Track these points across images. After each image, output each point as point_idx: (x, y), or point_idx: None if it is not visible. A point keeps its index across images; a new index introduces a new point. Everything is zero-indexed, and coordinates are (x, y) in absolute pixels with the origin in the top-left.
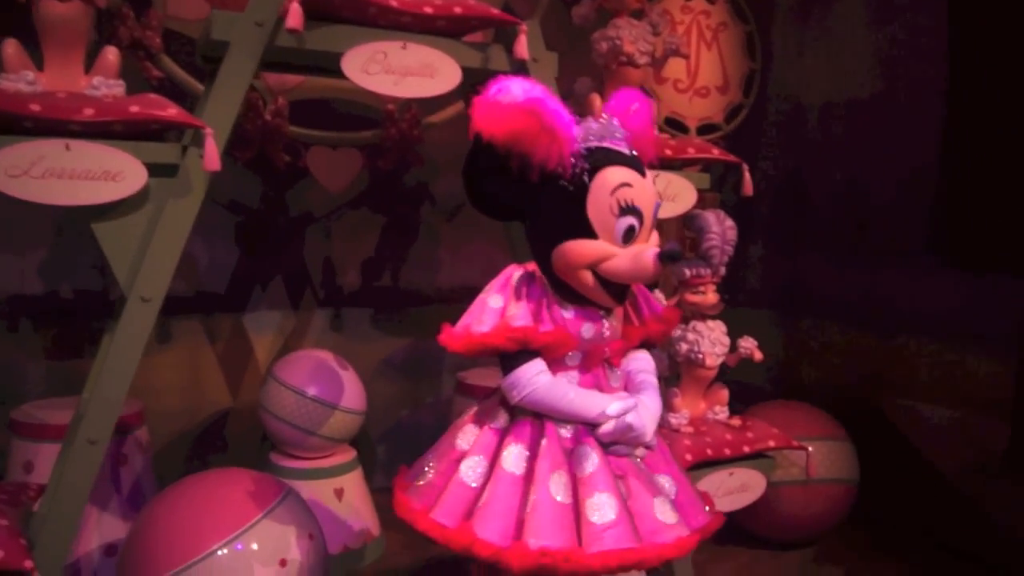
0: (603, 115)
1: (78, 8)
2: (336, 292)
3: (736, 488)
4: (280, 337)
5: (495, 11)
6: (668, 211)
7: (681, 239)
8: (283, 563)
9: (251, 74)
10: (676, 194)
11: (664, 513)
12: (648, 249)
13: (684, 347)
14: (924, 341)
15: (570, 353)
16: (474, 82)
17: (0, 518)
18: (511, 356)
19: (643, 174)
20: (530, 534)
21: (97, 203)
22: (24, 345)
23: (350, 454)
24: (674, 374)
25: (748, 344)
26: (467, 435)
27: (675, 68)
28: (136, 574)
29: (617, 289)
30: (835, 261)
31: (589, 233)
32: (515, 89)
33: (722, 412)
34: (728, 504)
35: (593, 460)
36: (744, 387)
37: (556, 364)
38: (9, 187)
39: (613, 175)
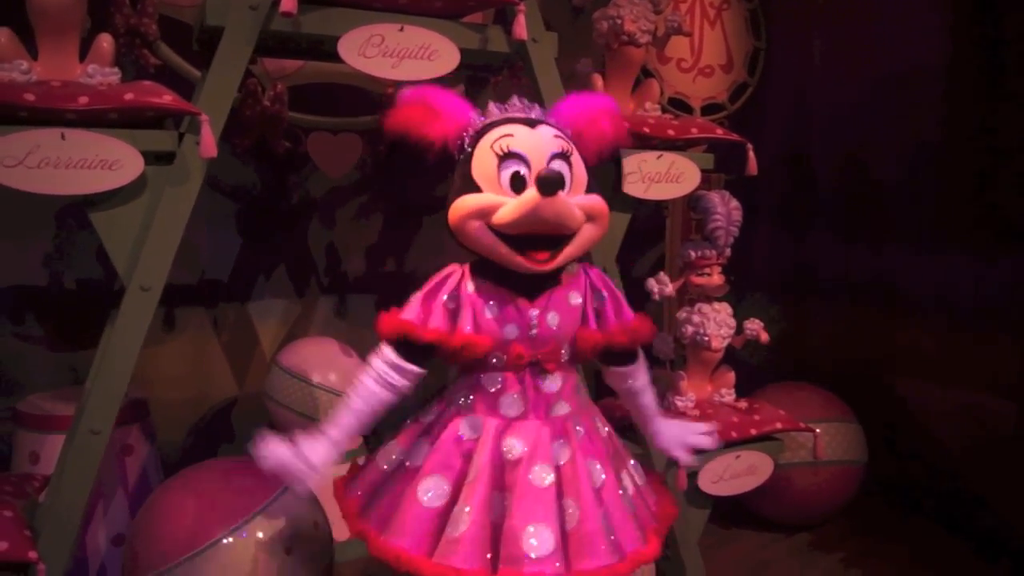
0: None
1: None
2: (340, 279)
3: (743, 471)
4: (285, 325)
5: None
6: (672, 192)
7: (686, 221)
8: (289, 551)
9: (246, 59)
10: (680, 174)
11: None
12: (529, 189)
13: (690, 329)
14: (932, 321)
15: (494, 354)
16: (474, 63)
17: (5, 509)
18: (396, 345)
19: (533, 127)
20: (583, 557)
21: (94, 192)
22: (29, 336)
23: (356, 441)
24: (680, 356)
25: (754, 326)
26: (419, 449)
27: (678, 47)
28: (142, 563)
29: (519, 242)
30: (842, 240)
31: (473, 187)
32: (406, 90)
33: (728, 394)
34: (735, 487)
35: (505, 497)
36: (751, 369)
37: (481, 367)
38: (5, 177)
39: (494, 133)
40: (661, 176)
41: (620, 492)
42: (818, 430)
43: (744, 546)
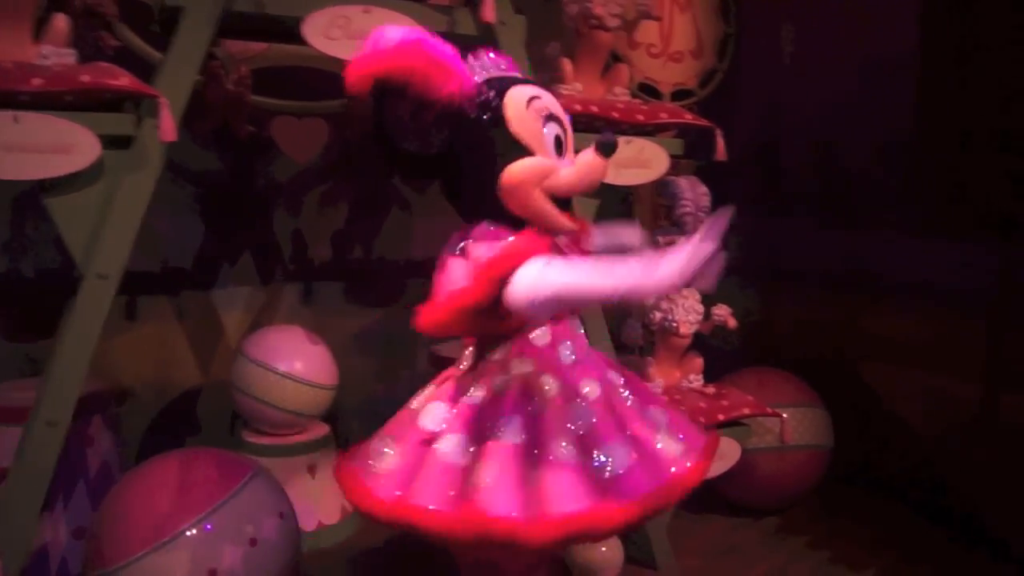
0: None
1: None
2: (306, 266)
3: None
4: (250, 313)
5: None
6: (641, 177)
7: (654, 207)
8: (253, 542)
9: (207, 41)
10: (649, 160)
11: (671, 446)
12: (585, 152)
13: (658, 315)
14: (899, 306)
15: None
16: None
17: None
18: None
19: (546, 89)
20: (549, 504)
21: (48, 177)
22: None
23: (323, 430)
24: (648, 343)
25: (722, 312)
26: (432, 415)
27: (648, 32)
28: (104, 556)
29: (565, 206)
30: (812, 227)
31: (524, 151)
32: (391, 32)
33: (696, 380)
34: None
35: (590, 415)
36: (718, 354)
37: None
38: None
39: (520, 91)
40: (630, 161)
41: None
42: (785, 415)
43: (712, 530)
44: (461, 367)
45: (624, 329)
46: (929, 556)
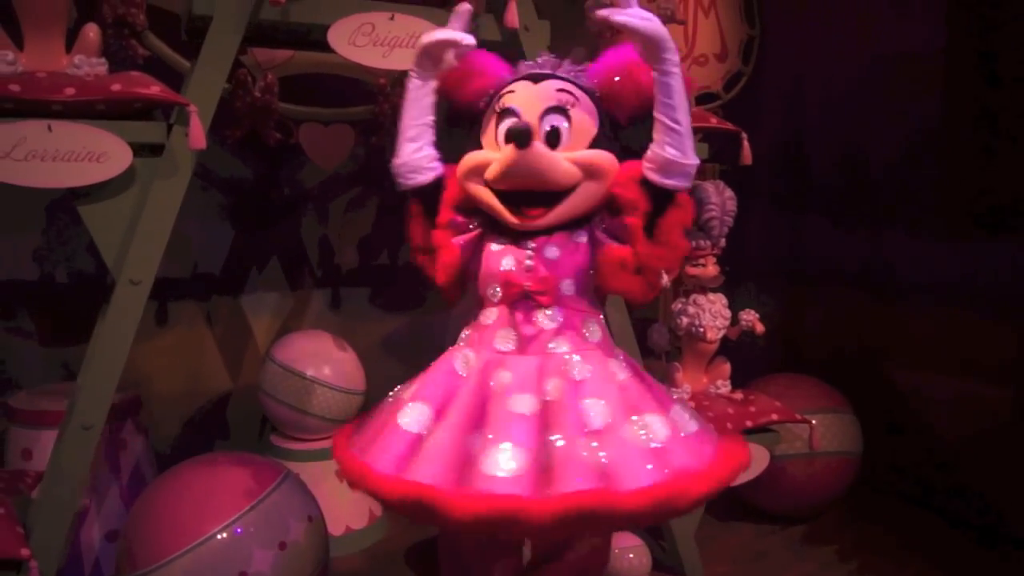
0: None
1: None
2: (334, 271)
3: None
4: (278, 318)
5: None
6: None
7: None
8: (282, 546)
9: (235, 49)
10: None
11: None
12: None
13: (685, 321)
14: (927, 309)
15: (492, 288)
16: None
17: None
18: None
19: (536, 82)
20: (560, 481)
21: (81, 185)
22: (20, 331)
23: None
24: (675, 348)
25: (749, 317)
26: (411, 387)
27: (672, 36)
28: (136, 558)
29: (515, 200)
30: (839, 229)
31: (479, 148)
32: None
33: (724, 386)
34: None
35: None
36: (747, 360)
37: (483, 301)
38: None
39: (505, 90)
40: None
41: (630, 435)
42: (814, 421)
43: (740, 537)
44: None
45: (650, 334)
46: (959, 563)
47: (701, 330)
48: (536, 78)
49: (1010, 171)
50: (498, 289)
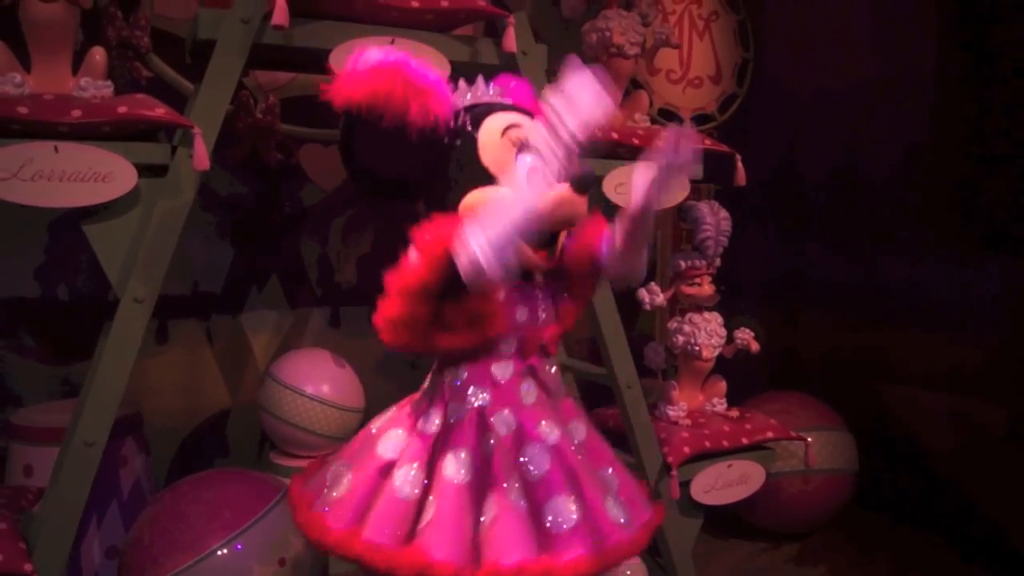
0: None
1: (64, 9)
2: (333, 290)
3: (735, 480)
4: (278, 336)
5: (482, 4)
6: (661, 203)
7: (676, 231)
8: (282, 562)
9: (238, 72)
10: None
11: (615, 511)
12: (560, 186)
13: (680, 339)
14: (922, 327)
15: (505, 340)
16: (463, 76)
17: (1, 521)
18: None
19: (532, 117)
20: (495, 552)
21: (87, 205)
22: (22, 348)
23: None
24: (671, 366)
25: (744, 335)
26: (391, 442)
27: (668, 59)
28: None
29: (538, 239)
30: (832, 248)
31: (491, 180)
32: (372, 55)
33: (720, 404)
34: (727, 496)
35: (544, 460)
36: (742, 378)
37: (491, 354)
38: None
39: (498, 120)
40: None
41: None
42: (809, 439)
43: (736, 555)
44: (422, 388)
45: (647, 352)
46: None
47: (697, 348)
48: (522, 112)
49: (1002, 190)
50: (513, 341)
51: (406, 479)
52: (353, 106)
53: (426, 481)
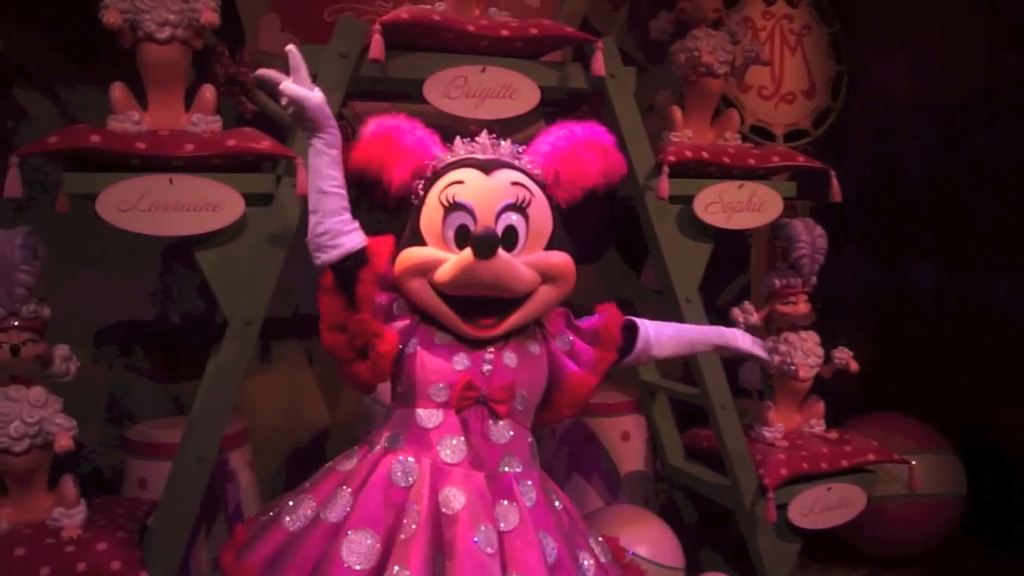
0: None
1: (177, 50)
2: None
3: (835, 503)
4: None
5: (570, 30)
6: (755, 221)
7: (771, 249)
8: None
9: (338, 104)
10: (762, 203)
11: None
12: (464, 251)
13: (777, 359)
14: None
15: (436, 387)
16: (554, 100)
17: (119, 531)
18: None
19: (488, 172)
20: None
21: (199, 233)
22: (137, 368)
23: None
24: (767, 387)
25: (843, 355)
26: (341, 502)
27: (759, 75)
28: None
29: (465, 304)
30: (931, 265)
31: (419, 242)
32: (372, 124)
33: (818, 425)
34: (826, 520)
35: (424, 522)
36: (841, 399)
37: (421, 398)
38: (119, 220)
39: (445, 179)
40: (743, 205)
41: (577, 573)
42: (913, 462)
43: None
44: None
45: (742, 372)
46: None
47: (793, 368)
48: (486, 167)
49: None
50: (445, 389)
51: (355, 548)
52: (352, 174)
53: (378, 547)
